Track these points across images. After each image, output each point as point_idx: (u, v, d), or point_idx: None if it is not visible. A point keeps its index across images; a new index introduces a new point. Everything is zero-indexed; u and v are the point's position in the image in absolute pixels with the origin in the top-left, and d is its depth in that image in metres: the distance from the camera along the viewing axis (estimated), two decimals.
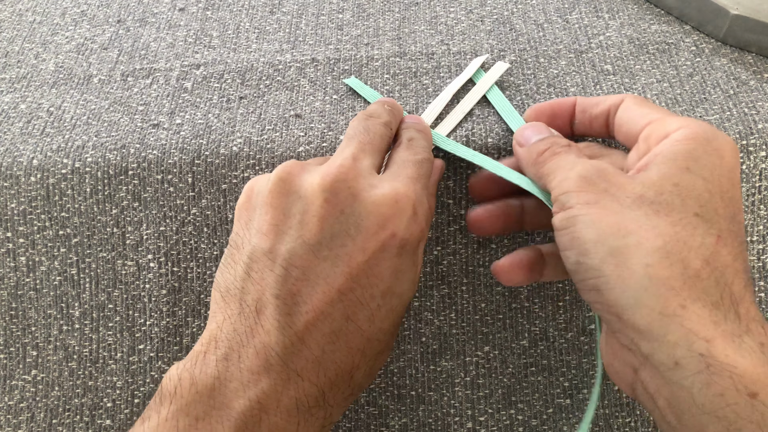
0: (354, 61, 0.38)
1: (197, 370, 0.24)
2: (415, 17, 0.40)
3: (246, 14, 0.41)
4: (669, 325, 0.22)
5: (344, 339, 0.25)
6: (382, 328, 0.26)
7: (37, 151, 0.34)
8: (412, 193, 0.26)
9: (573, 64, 0.36)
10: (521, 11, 0.40)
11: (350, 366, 0.25)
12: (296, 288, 0.24)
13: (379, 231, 0.25)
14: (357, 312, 0.25)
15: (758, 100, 0.34)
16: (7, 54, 0.40)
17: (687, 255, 0.23)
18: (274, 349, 0.24)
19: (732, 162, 0.25)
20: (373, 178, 0.27)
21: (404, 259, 0.26)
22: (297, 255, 0.25)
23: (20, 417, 0.33)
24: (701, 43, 0.37)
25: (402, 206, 0.25)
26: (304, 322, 0.24)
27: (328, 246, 0.25)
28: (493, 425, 0.33)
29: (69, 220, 0.34)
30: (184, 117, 0.35)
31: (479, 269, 0.33)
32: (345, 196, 0.25)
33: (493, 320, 0.33)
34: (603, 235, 0.23)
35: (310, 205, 0.25)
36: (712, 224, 0.24)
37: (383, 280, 0.25)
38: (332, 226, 0.25)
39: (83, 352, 0.34)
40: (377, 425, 0.33)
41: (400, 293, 0.26)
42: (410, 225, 0.26)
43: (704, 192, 0.24)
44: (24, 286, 0.34)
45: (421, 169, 0.28)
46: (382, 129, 0.29)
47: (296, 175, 0.26)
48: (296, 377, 0.24)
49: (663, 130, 0.25)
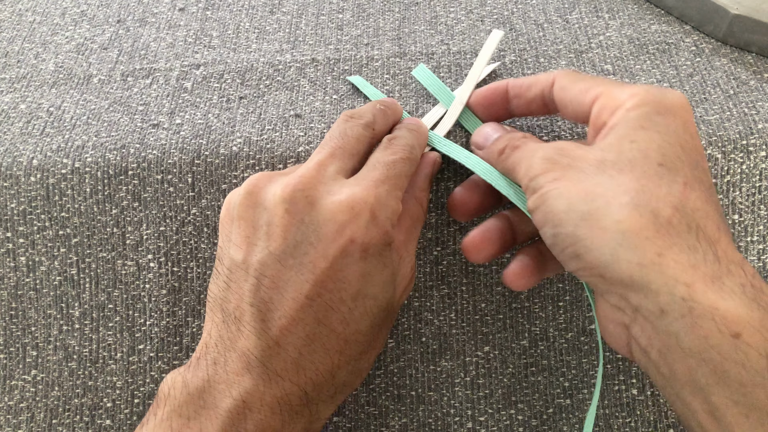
0: (354, 61, 0.38)
1: (190, 374, 0.26)
2: (415, 17, 0.40)
3: (246, 14, 0.41)
4: (649, 274, 0.22)
5: (319, 342, 0.26)
6: (359, 330, 0.26)
7: (37, 151, 0.34)
8: (371, 197, 0.26)
9: (573, 64, 0.36)
10: (521, 11, 0.40)
11: (330, 366, 0.26)
12: (268, 296, 0.26)
13: (337, 237, 0.26)
14: (328, 316, 0.26)
15: (758, 100, 0.34)
16: (7, 54, 0.40)
17: (656, 205, 0.23)
18: (253, 353, 0.25)
19: (685, 116, 0.25)
20: (334, 184, 0.27)
21: (370, 263, 0.26)
22: (266, 265, 0.26)
23: (20, 417, 0.33)
24: (701, 43, 0.37)
25: (357, 211, 0.26)
26: (279, 328, 0.25)
27: (292, 255, 0.26)
28: (493, 425, 0.33)
29: (69, 220, 0.34)
30: (183, 117, 0.35)
31: (479, 269, 0.33)
32: (303, 205, 0.26)
33: (493, 320, 0.33)
34: (572, 203, 0.24)
35: (273, 216, 0.26)
36: (677, 172, 0.24)
37: (350, 284, 0.26)
38: (294, 236, 0.26)
39: (83, 352, 0.34)
40: (377, 425, 0.33)
41: (373, 295, 0.26)
42: (369, 229, 0.26)
43: (663, 143, 0.24)
44: (24, 286, 0.34)
45: (392, 169, 0.28)
46: (360, 131, 0.30)
47: (262, 188, 0.27)
48: (276, 377, 0.25)
49: (613, 103, 0.26)
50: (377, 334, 0.28)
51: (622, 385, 0.33)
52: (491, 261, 0.33)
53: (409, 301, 0.33)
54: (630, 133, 0.25)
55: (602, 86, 0.27)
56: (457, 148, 0.31)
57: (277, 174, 0.28)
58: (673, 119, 0.25)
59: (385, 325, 0.28)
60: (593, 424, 0.33)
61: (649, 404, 0.33)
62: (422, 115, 0.34)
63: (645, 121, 0.25)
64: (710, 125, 0.33)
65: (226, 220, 0.28)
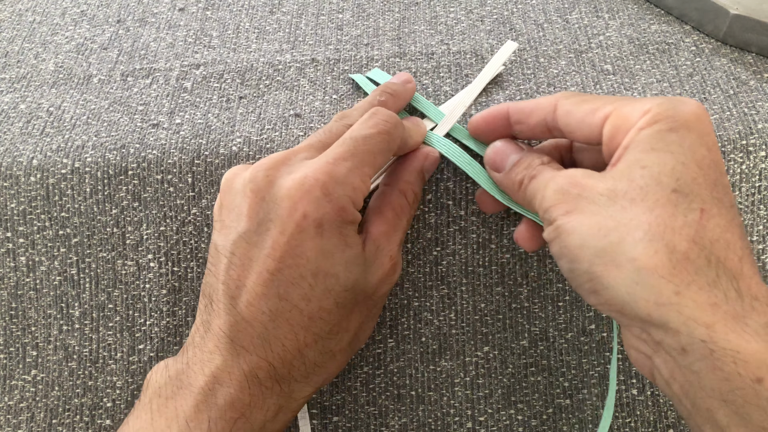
0: (354, 62, 0.38)
1: (173, 360, 0.28)
2: (415, 17, 0.40)
3: (246, 14, 0.41)
4: (668, 314, 0.22)
5: (283, 317, 0.26)
6: (322, 307, 0.27)
7: (36, 151, 0.34)
8: (324, 174, 0.27)
9: (573, 64, 0.36)
10: (521, 11, 0.40)
11: (296, 342, 0.27)
12: (236, 274, 0.27)
13: (292, 213, 0.26)
14: (290, 291, 0.26)
15: (758, 100, 0.34)
16: (7, 54, 0.40)
17: (671, 238, 0.22)
18: (223, 329, 0.27)
19: (701, 128, 0.24)
20: (295, 165, 0.28)
21: (328, 239, 0.27)
22: (235, 245, 0.27)
23: (20, 417, 0.33)
24: (701, 43, 0.37)
25: (308, 188, 0.26)
26: (245, 303, 0.26)
27: (256, 232, 0.27)
28: (493, 425, 0.33)
29: (69, 220, 0.34)
30: (183, 117, 0.35)
31: (479, 270, 0.33)
32: (264, 184, 0.27)
33: (492, 320, 0.33)
34: (586, 238, 0.23)
35: (240, 197, 0.27)
36: (694, 197, 0.23)
37: (309, 259, 0.26)
38: (257, 214, 0.27)
39: (83, 352, 0.34)
40: (377, 425, 0.33)
41: (334, 273, 0.27)
42: (321, 205, 0.26)
43: (677, 165, 0.23)
44: (24, 286, 0.34)
45: (362, 145, 0.28)
46: (344, 131, 0.30)
47: (237, 174, 0.29)
48: (244, 352, 0.26)
49: (625, 123, 0.25)
50: (347, 315, 0.28)
51: (622, 385, 0.33)
52: (492, 261, 0.33)
53: (408, 301, 0.33)
54: (641, 157, 0.24)
55: (611, 104, 0.26)
56: (458, 151, 0.31)
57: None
58: (688, 134, 0.24)
59: (356, 309, 0.28)
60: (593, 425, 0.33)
61: (649, 404, 0.33)
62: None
63: (657, 141, 0.24)
64: None
65: (215, 210, 0.29)
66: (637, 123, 0.24)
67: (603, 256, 0.23)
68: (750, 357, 0.21)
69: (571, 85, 0.35)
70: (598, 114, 0.26)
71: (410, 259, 0.33)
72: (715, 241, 0.22)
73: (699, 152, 0.24)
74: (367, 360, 0.34)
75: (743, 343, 0.21)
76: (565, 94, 0.28)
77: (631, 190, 0.23)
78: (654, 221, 0.23)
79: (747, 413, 0.21)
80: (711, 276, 0.22)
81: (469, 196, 0.33)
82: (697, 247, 0.22)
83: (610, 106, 0.26)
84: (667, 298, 0.22)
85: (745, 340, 0.21)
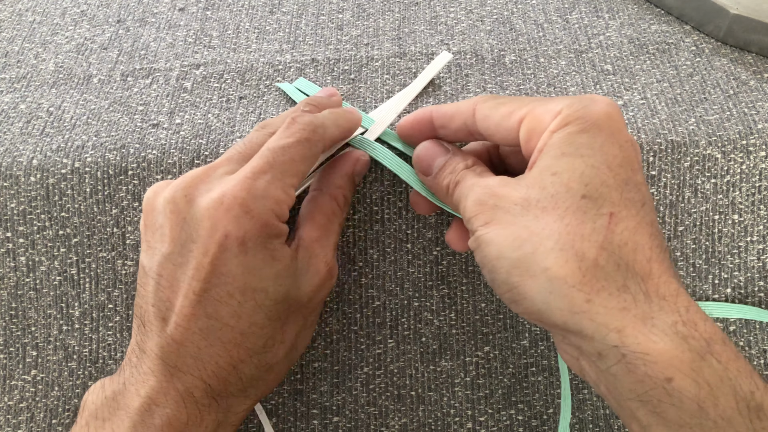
0: (354, 61, 0.38)
1: (109, 380, 0.28)
2: (415, 17, 0.40)
3: (246, 14, 0.41)
4: (581, 322, 0.22)
5: (214, 335, 0.26)
6: (254, 322, 0.27)
7: (36, 151, 0.34)
8: (242, 191, 0.26)
9: (573, 64, 0.36)
10: (521, 11, 0.40)
11: (230, 359, 0.27)
12: (165, 295, 0.27)
13: (213, 233, 0.26)
14: (219, 310, 0.26)
15: (758, 100, 0.34)
16: (7, 54, 0.40)
17: (581, 246, 0.23)
18: (155, 352, 0.27)
19: (612, 126, 0.24)
20: (213, 182, 0.27)
21: (254, 256, 0.26)
22: (161, 266, 0.27)
23: (20, 417, 0.33)
24: (701, 43, 0.37)
25: (227, 206, 0.26)
26: (175, 325, 0.26)
27: (179, 253, 0.26)
28: (493, 425, 0.33)
29: (69, 220, 0.34)
30: (183, 117, 0.35)
31: (479, 269, 0.33)
32: (183, 204, 0.27)
33: (493, 320, 0.33)
34: (502, 249, 0.24)
35: (162, 219, 0.27)
36: (603, 201, 0.23)
37: (236, 277, 0.26)
38: (180, 235, 0.27)
39: (83, 352, 0.34)
40: (377, 425, 0.33)
41: (263, 288, 0.27)
42: (242, 223, 0.26)
43: (586, 169, 0.23)
44: (24, 286, 0.34)
45: (281, 155, 0.27)
46: (265, 138, 0.29)
47: (158, 193, 0.28)
48: (178, 372, 0.26)
49: (538, 125, 0.25)
50: (280, 327, 0.28)
51: None
52: None
53: (409, 301, 0.33)
54: (552, 163, 0.24)
55: (525, 107, 0.26)
56: (389, 154, 0.31)
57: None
58: (599, 134, 0.24)
59: (290, 320, 0.28)
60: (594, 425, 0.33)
61: None
62: None
63: (568, 145, 0.24)
64: (710, 125, 0.33)
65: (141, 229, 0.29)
66: (550, 125, 0.25)
67: (519, 266, 0.23)
68: (658, 357, 0.21)
69: (571, 86, 0.35)
70: (514, 117, 0.26)
71: (410, 259, 0.33)
72: (623, 245, 0.23)
73: (610, 152, 0.24)
74: (367, 360, 0.34)
75: (651, 344, 0.22)
76: (483, 98, 0.28)
77: (543, 198, 0.24)
78: (564, 230, 0.23)
79: (663, 412, 0.22)
80: (620, 281, 0.23)
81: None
82: (606, 253, 0.23)
83: (525, 108, 0.26)
84: (579, 306, 0.22)
85: (653, 341, 0.22)
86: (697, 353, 0.22)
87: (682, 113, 0.34)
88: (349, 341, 0.33)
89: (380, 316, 0.33)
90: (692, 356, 0.21)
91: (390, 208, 0.33)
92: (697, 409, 0.21)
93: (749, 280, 0.33)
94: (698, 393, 0.21)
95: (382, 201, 0.33)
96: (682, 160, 0.32)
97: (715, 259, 0.33)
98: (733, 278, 0.33)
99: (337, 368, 0.33)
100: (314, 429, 0.33)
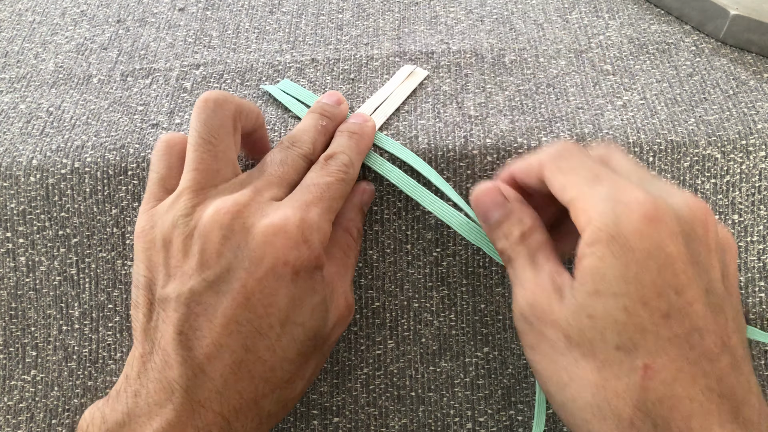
0: (354, 61, 0.38)
1: (109, 408, 0.25)
2: (415, 17, 0.40)
3: (246, 14, 0.41)
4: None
5: (246, 369, 0.25)
6: (286, 358, 0.26)
7: (36, 151, 0.34)
8: (302, 219, 0.26)
9: (573, 64, 0.36)
10: (521, 11, 0.40)
11: (254, 394, 0.26)
12: (197, 324, 0.25)
13: (269, 259, 0.25)
14: (256, 342, 0.25)
15: (758, 100, 0.34)
16: (7, 54, 0.40)
17: (617, 404, 0.22)
18: (178, 382, 0.25)
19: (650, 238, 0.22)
20: (268, 207, 0.27)
21: (300, 287, 0.26)
22: (197, 293, 0.25)
23: (20, 417, 0.33)
24: (701, 43, 0.37)
25: (290, 233, 0.26)
26: (204, 355, 0.25)
27: (225, 280, 0.25)
28: (493, 426, 0.33)
29: (69, 220, 0.34)
30: (183, 117, 0.35)
31: (479, 270, 0.33)
32: (240, 230, 0.26)
33: (492, 321, 0.33)
34: (548, 386, 0.24)
35: (207, 244, 0.26)
36: (637, 351, 0.22)
37: (280, 309, 0.25)
38: (230, 262, 0.25)
39: (83, 352, 0.34)
40: (377, 426, 0.33)
41: (302, 322, 0.26)
42: (300, 251, 0.26)
43: (620, 312, 0.22)
44: (24, 286, 0.34)
45: (326, 192, 0.28)
46: (298, 162, 0.30)
47: (195, 210, 0.27)
48: (200, 408, 0.25)
49: (579, 221, 0.23)
50: (304, 364, 0.27)
51: None
52: (492, 262, 0.33)
53: (408, 302, 0.33)
54: (587, 303, 0.22)
55: (575, 189, 0.24)
56: (400, 174, 0.31)
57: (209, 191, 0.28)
58: (632, 259, 0.22)
59: (313, 356, 0.28)
60: None
61: None
62: None
63: (600, 279, 0.22)
64: (710, 125, 0.33)
65: (149, 245, 0.27)
66: (583, 237, 0.23)
67: (564, 409, 0.24)
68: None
69: (571, 86, 0.35)
70: (566, 196, 0.24)
71: (410, 260, 0.33)
72: (659, 402, 0.22)
73: (646, 281, 0.22)
74: (367, 361, 0.34)
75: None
76: (549, 156, 0.26)
77: (582, 342, 0.23)
78: (602, 383, 0.22)
79: None
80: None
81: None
82: (641, 413, 0.22)
83: (574, 190, 0.24)
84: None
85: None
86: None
87: (681, 113, 0.34)
88: (348, 342, 0.33)
89: (380, 317, 0.33)
90: None
91: (389, 209, 0.33)
92: None
93: (749, 280, 0.33)
94: None
95: (382, 201, 0.33)
96: (682, 160, 0.32)
97: None
98: None
99: (337, 369, 0.33)
100: (314, 429, 0.33)
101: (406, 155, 0.32)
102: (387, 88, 0.35)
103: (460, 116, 0.34)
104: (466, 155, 0.33)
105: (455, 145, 0.33)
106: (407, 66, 0.36)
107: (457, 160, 0.33)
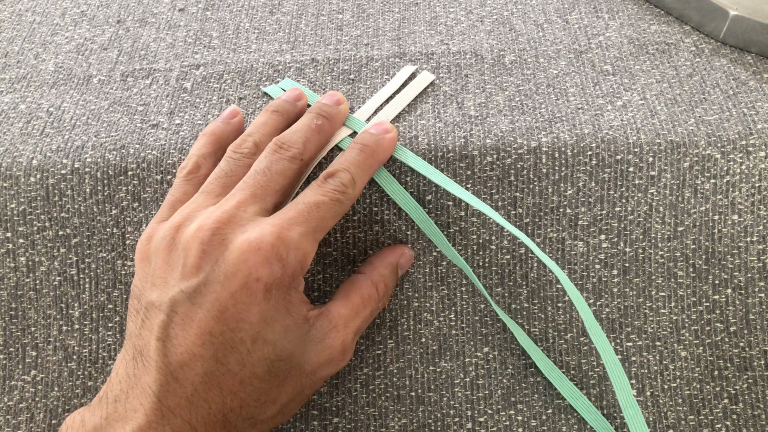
0: (354, 62, 0.38)
1: (89, 413, 0.26)
2: (415, 17, 0.40)
3: (246, 14, 0.41)
4: None
5: (215, 380, 0.26)
6: (255, 373, 0.27)
7: (36, 152, 0.34)
8: (277, 237, 0.26)
9: (573, 65, 0.36)
10: (521, 11, 0.40)
11: (222, 407, 0.26)
12: (174, 332, 0.26)
13: (242, 276, 0.26)
14: (227, 355, 0.26)
15: (758, 101, 0.34)
16: (7, 54, 0.40)
17: None
18: (151, 387, 0.26)
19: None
20: (249, 223, 0.27)
21: (272, 305, 0.27)
22: (177, 302, 0.26)
23: (20, 417, 0.33)
24: (701, 43, 0.37)
25: (263, 250, 0.26)
26: (178, 362, 0.26)
27: (202, 293, 0.26)
28: (493, 426, 0.33)
29: (69, 220, 0.34)
30: (183, 117, 0.35)
31: (479, 270, 0.33)
32: (218, 245, 0.27)
33: (492, 321, 0.33)
34: None
35: (187, 257, 0.27)
36: None
37: (252, 324, 0.26)
38: (207, 275, 0.26)
39: (83, 352, 0.34)
40: (377, 426, 0.33)
41: (273, 341, 0.27)
42: (273, 268, 0.26)
43: None
44: (24, 287, 0.34)
45: (315, 211, 0.28)
46: (286, 165, 0.29)
47: (182, 225, 0.28)
48: (169, 413, 0.25)
49: None
50: (276, 386, 0.27)
51: None
52: (491, 263, 0.33)
53: (408, 302, 0.33)
54: None
55: None
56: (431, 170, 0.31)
57: (194, 211, 0.28)
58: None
59: (287, 382, 0.28)
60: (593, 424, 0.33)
61: (648, 405, 0.33)
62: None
63: None
64: (710, 125, 0.33)
65: (143, 258, 0.29)
66: None
67: None
68: None
69: (571, 86, 0.35)
70: None
71: None
72: None
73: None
74: (366, 361, 0.34)
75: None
76: None
77: None
78: None
79: None
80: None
81: None
82: None
83: None
84: None
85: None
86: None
87: (681, 113, 0.34)
88: None
89: (379, 317, 0.33)
90: None
91: (389, 209, 0.33)
92: None
93: (749, 281, 0.33)
94: None
95: (382, 202, 0.33)
96: (682, 160, 0.32)
97: (715, 259, 0.33)
98: (733, 278, 0.33)
99: None
100: (314, 430, 0.33)
101: (430, 172, 0.32)
102: (387, 88, 0.35)
103: (460, 116, 0.34)
104: (466, 155, 0.33)
105: (455, 145, 0.33)
106: (408, 66, 0.36)
107: (457, 160, 0.33)
